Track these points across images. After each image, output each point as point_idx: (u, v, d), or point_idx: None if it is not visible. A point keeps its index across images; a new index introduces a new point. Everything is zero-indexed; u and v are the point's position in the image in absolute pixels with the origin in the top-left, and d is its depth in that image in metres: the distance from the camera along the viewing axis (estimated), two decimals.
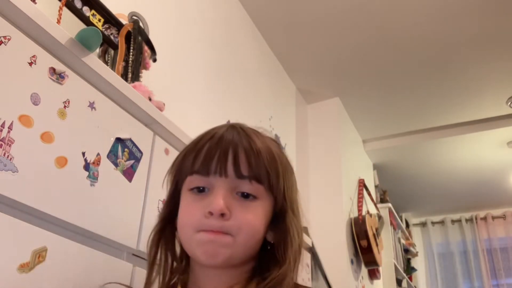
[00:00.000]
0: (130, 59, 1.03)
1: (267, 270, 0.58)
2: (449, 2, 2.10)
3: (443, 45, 2.38)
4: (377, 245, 2.70)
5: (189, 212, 0.58)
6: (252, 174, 0.57)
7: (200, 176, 0.57)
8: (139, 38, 1.07)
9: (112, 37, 1.02)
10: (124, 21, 1.06)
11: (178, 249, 0.63)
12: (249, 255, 0.59)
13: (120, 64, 1.00)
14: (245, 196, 0.58)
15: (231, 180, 0.57)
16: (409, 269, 3.93)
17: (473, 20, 2.20)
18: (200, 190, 0.58)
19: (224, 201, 0.56)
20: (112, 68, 0.98)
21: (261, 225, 0.59)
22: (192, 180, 0.58)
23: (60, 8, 0.86)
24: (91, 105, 0.71)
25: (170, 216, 0.62)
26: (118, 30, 1.03)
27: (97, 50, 1.02)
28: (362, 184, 3.02)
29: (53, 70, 0.65)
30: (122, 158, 0.75)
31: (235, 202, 0.57)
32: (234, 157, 0.57)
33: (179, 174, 0.61)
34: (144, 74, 1.08)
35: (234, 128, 0.62)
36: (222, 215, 0.55)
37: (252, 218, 0.57)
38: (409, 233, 4.45)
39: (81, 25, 0.91)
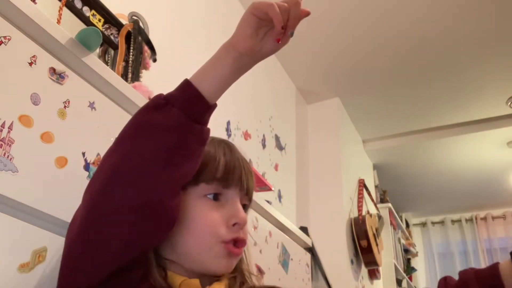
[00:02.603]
0: (130, 59, 1.03)
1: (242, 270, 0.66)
2: (449, 2, 2.10)
3: (443, 45, 2.39)
4: (377, 245, 2.70)
5: (211, 218, 0.59)
6: (251, 191, 0.65)
7: (220, 186, 0.60)
8: (139, 38, 1.07)
9: (112, 37, 1.02)
10: (124, 21, 1.06)
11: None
12: None
13: (120, 64, 1.00)
14: (244, 208, 0.63)
15: (242, 194, 0.62)
16: (409, 269, 3.93)
17: (473, 20, 2.21)
18: (215, 197, 0.60)
19: None
20: (112, 68, 0.98)
21: None
22: (210, 188, 0.60)
23: (60, 8, 0.86)
24: (91, 105, 0.71)
25: None
26: (118, 30, 1.03)
27: (97, 50, 1.02)
28: (362, 184, 3.03)
29: (53, 70, 0.65)
30: None
31: None
32: (246, 175, 0.63)
33: None
34: (144, 74, 1.08)
35: (233, 146, 0.66)
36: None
37: (248, 228, 0.65)
38: (409, 233, 4.46)
39: (81, 25, 0.91)
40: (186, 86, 0.53)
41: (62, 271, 0.53)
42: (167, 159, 0.50)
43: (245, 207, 0.65)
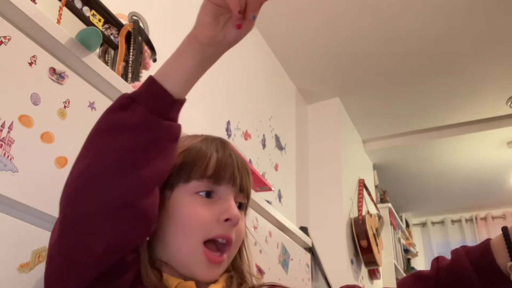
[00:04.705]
0: (130, 59, 1.03)
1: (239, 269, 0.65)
2: (450, 2, 2.10)
3: (443, 45, 2.39)
4: (377, 245, 2.70)
5: (199, 213, 0.58)
6: (246, 188, 0.63)
7: (210, 182, 0.59)
8: (139, 38, 1.07)
9: (112, 37, 1.02)
10: (124, 21, 1.06)
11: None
12: None
13: (120, 64, 1.00)
14: (240, 207, 0.63)
15: (235, 191, 0.61)
16: (409, 269, 3.93)
17: (473, 20, 2.20)
18: (208, 195, 0.59)
19: None
20: (112, 68, 0.98)
21: (244, 235, 0.64)
22: (201, 185, 0.59)
23: (60, 8, 0.86)
24: (91, 105, 0.71)
25: None
26: (118, 30, 1.03)
27: (97, 50, 1.02)
28: (362, 184, 3.03)
29: (53, 70, 0.65)
30: None
31: None
32: (240, 171, 0.61)
33: (173, 177, 0.60)
34: (144, 74, 1.08)
35: (227, 142, 0.65)
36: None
37: (243, 229, 0.63)
38: (409, 233, 4.46)
39: (81, 25, 0.91)
40: (150, 83, 0.51)
41: (46, 279, 0.51)
42: (137, 158, 0.48)
43: (242, 206, 0.63)
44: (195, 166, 0.59)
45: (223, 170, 0.59)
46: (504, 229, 0.58)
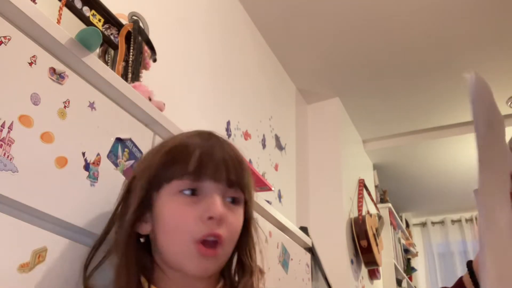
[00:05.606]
0: (130, 59, 1.03)
1: (231, 276, 0.63)
2: (449, 2, 2.10)
3: (443, 45, 2.39)
4: (377, 245, 2.70)
5: (182, 215, 0.57)
6: (238, 182, 0.60)
7: (192, 180, 0.57)
8: (139, 38, 1.07)
9: (112, 37, 1.02)
10: (124, 21, 1.06)
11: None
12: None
13: (120, 64, 1.00)
14: (232, 201, 0.60)
15: (222, 186, 0.59)
16: (409, 269, 3.93)
17: (473, 20, 2.20)
18: (191, 193, 0.58)
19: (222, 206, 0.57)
20: (112, 68, 0.98)
21: (240, 230, 0.62)
22: (182, 184, 0.58)
23: (60, 8, 0.86)
24: (91, 105, 0.71)
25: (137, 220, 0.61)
26: (118, 30, 1.03)
27: (97, 50, 1.02)
28: (362, 184, 3.03)
29: (53, 70, 0.65)
30: (122, 158, 0.75)
31: (226, 207, 0.59)
32: (226, 164, 0.59)
33: (157, 178, 0.60)
34: (144, 74, 1.08)
35: (215, 135, 0.63)
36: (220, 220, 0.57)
37: (237, 224, 0.60)
38: (409, 233, 4.46)
39: (81, 25, 0.91)
40: None
41: None
42: None
43: (235, 201, 0.61)
44: (176, 164, 0.58)
45: (205, 166, 0.57)
46: (468, 264, 0.60)
